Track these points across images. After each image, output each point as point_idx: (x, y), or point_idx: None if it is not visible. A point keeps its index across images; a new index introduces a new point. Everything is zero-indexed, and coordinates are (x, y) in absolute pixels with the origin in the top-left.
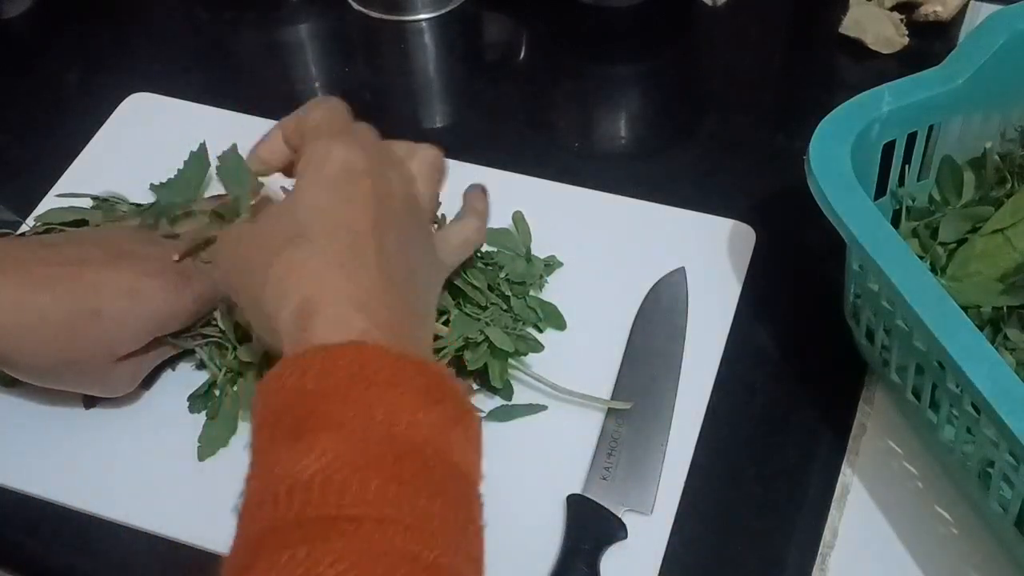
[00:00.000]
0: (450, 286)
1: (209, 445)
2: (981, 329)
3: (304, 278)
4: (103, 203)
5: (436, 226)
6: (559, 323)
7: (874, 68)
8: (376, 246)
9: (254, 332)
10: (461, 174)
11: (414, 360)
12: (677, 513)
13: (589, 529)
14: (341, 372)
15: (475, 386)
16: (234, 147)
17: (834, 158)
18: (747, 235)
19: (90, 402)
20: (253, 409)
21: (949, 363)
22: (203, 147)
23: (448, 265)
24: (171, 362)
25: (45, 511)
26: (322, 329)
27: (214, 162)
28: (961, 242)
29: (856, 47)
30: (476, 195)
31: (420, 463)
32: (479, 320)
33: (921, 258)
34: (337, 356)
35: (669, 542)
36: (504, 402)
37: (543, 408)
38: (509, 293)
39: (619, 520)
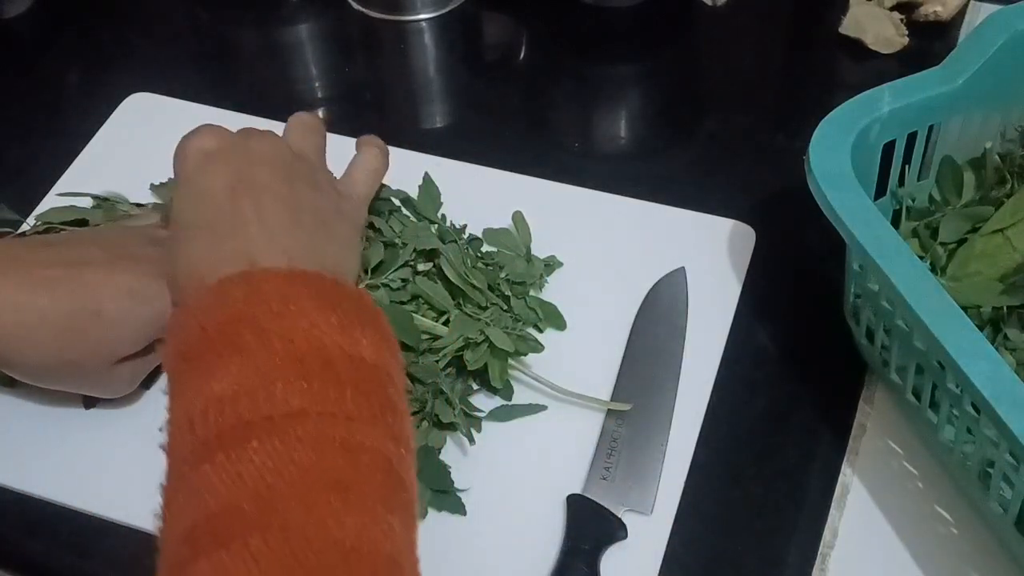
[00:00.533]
0: (449, 286)
1: None
2: (981, 329)
3: (185, 265)
4: (103, 203)
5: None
6: (559, 323)
7: (874, 68)
8: (250, 205)
9: None
10: (461, 174)
11: (305, 272)
12: (677, 513)
13: (589, 529)
14: (234, 300)
15: (475, 386)
16: None
17: (834, 158)
18: (747, 235)
19: (90, 402)
20: (163, 349)
21: (949, 363)
22: None
23: (362, 197)
24: None
25: (45, 511)
26: (202, 284)
27: None
28: (961, 242)
29: (856, 47)
30: (367, 137)
31: (323, 361)
32: (479, 320)
33: (921, 258)
34: (227, 288)
35: (669, 542)
36: (504, 402)
37: (543, 408)
38: (509, 293)
39: (619, 520)
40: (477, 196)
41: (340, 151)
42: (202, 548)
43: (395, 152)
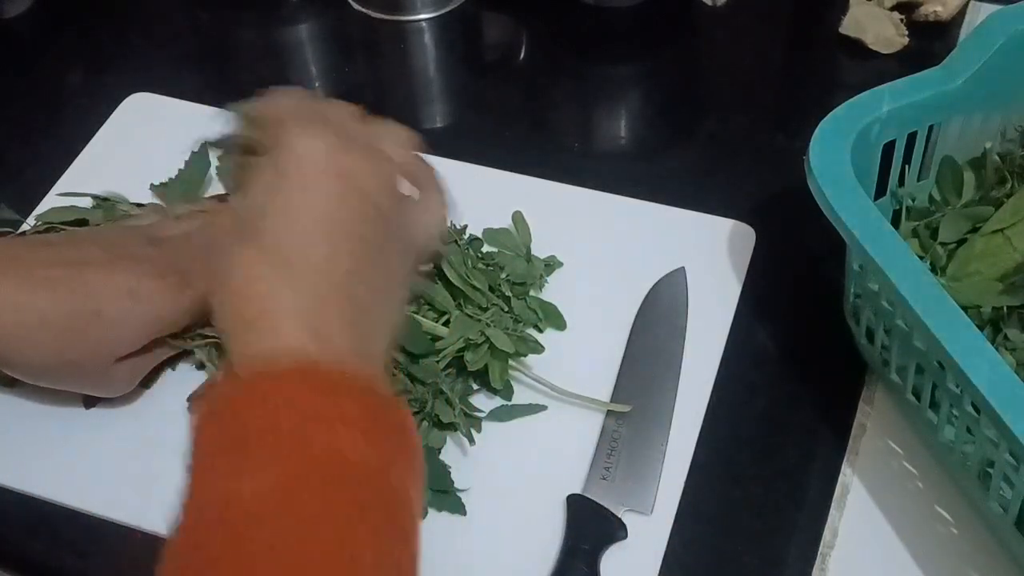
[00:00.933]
0: (450, 287)
1: None
2: (981, 329)
3: (245, 283)
4: (103, 203)
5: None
6: (559, 323)
7: (874, 68)
8: (327, 249)
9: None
10: (461, 174)
11: (355, 387)
12: (677, 513)
13: (589, 529)
14: (278, 400)
15: (475, 386)
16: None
17: (834, 158)
18: (747, 235)
19: (90, 402)
20: (192, 424)
21: (949, 363)
22: (204, 147)
23: (423, 248)
24: (171, 362)
25: (45, 511)
26: (260, 343)
27: (214, 162)
28: (961, 242)
29: (856, 47)
30: (434, 179)
31: (352, 488)
32: (480, 321)
33: (921, 258)
34: (274, 382)
35: (669, 542)
36: (504, 402)
37: (543, 408)
38: (510, 294)
39: (619, 520)
40: (477, 196)
41: None
42: None
43: None
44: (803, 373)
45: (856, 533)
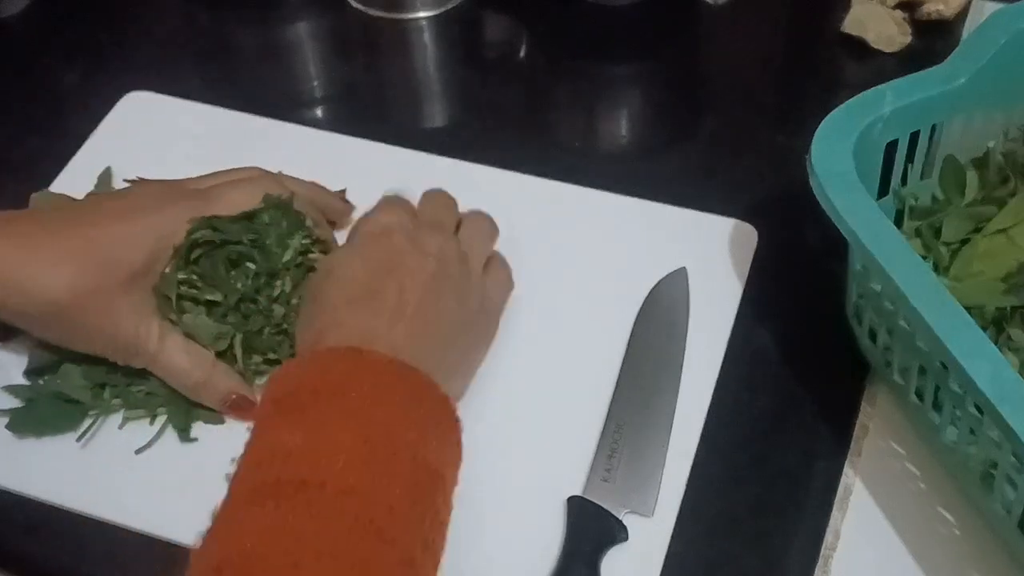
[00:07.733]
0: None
1: None
2: (984, 329)
3: (314, 318)
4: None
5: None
6: None
7: (876, 67)
8: (393, 296)
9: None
10: (461, 174)
11: (403, 365)
12: (678, 515)
13: (590, 531)
14: (336, 372)
15: None
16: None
17: (836, 157)
18: (749, 235)
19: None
20: (264, 390)
21: (952, 364)
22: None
23: (497, 311)
24: None
25: (45, 511)
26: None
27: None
28: (964, 242)
29: (858, 46)
30: (496, 256)
31: (389, 449)
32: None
33: (924, 258)
34: (336, 357)
35: (670, 544)
36: None
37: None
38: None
39: (620, 522)
40: (477, 196)
41: (338, 151)
42: None
43: (394, 152)
44: (805, 374)
45: (858, 535)
